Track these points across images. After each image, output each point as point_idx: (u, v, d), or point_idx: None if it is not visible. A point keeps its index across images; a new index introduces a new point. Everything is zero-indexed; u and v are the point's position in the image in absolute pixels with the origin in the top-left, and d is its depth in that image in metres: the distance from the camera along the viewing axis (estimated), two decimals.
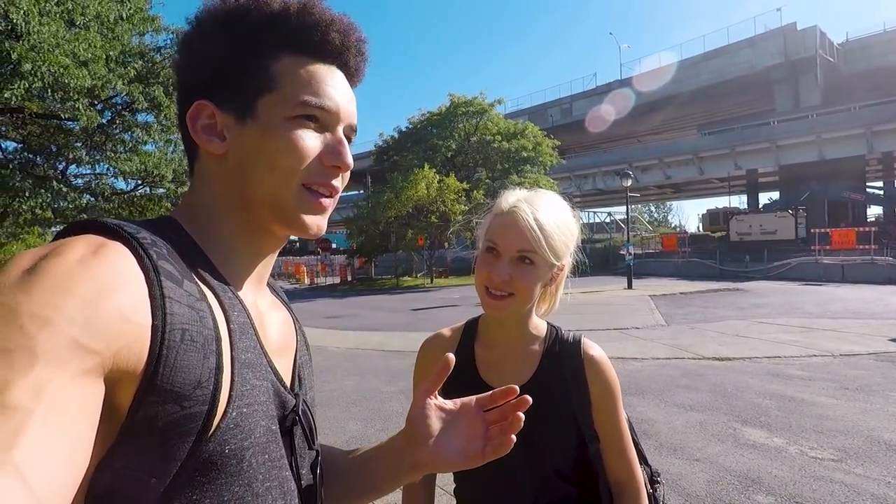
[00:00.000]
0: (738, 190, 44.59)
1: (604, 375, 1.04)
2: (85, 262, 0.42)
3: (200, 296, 0.50)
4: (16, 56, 9.27)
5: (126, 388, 0.43)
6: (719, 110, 40.51)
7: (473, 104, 30.42)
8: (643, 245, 36.87)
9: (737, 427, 4.45)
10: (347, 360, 7.85)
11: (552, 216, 1.00)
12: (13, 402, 0.34)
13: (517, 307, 1.00)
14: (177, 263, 0.50)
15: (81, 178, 14.59)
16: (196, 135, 0.58)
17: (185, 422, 0.45)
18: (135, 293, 0.44)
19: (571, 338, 1.08)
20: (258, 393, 0.53)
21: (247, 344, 0.53)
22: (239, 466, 0.49)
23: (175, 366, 0.44)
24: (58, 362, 0.37)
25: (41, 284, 0.39)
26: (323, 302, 18.81)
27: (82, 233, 0.48)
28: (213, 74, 0.59)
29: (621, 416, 1.05)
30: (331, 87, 0.60)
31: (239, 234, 0.60)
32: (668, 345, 8.13)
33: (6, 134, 13.68)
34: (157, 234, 0.52)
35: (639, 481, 1.05)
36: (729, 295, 15.70)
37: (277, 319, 0.67)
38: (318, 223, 0.61)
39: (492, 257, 0.99)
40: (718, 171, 36.68)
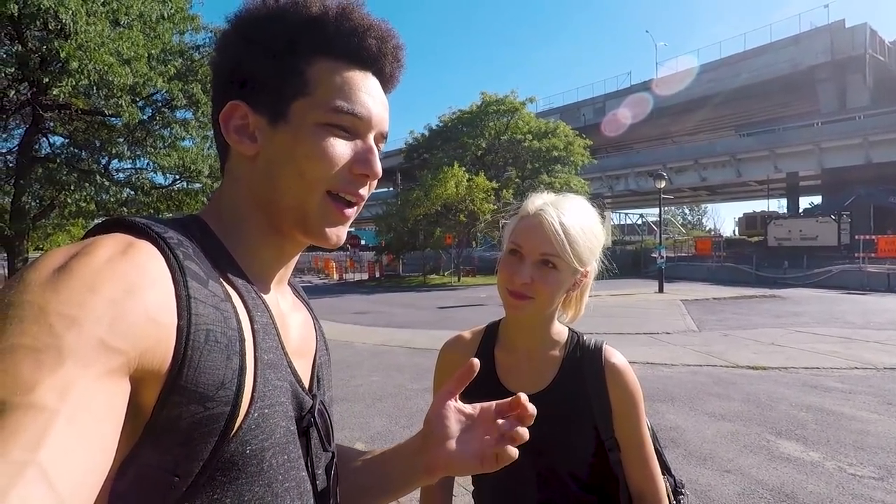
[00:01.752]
0: (778, 193, 43.04)
1: (625, 383, 1.02)
2: (113, 261, 0.43)
3: (225, 296, 0.50)
4: (64, 55, 9.67)
5: (151, 388, 0.43)
6: (759, 110, 39.18)
7: (505, 102, 30.24)
8: (675, 248, 36.07)
9: (770, 439, 4.30)
10: (374, 356, 7.91)
11: (578, 221, 0.98)
12: (40, 401, 0.34)
13: (537, 310, 0.99)
14: (202, 264, 0.50)
15: (123, 172, 15.14)
16: (228, 135, 0.59)
17: (209, 422, 0.45)
18: (161, 293, 0.44)
19: (593, 344, 1.06)
20: (279, 394, 0.53)
21: (269, 344, 0.54)
22: (259, 467, 0.50)
23: (199, 367, 0.45)
24: (84, 362, 0.37)
25: (70, 283, 0.40)
26: (351, 297, 19.03)
27: (112, 231, 0.49)
28: (248, 75, 0.58)
29: (643, 425, 1.03)
30: (364, 94, 0.59)
31: (263, 236, 0.60)
32: (700, 351, 7.92)
33: (54, 129, 14.30)
34: (184, 233, 0.52)
35: (661, 492, 1.03)
36: (765, 302, 15.20)
37: (298, 320, 0.67)
38: (337, 234, 0.61)
39: (515, 259, 0.99)
40: (757, 173, 35.51)
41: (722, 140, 39.27)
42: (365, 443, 4.23)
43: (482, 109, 30.46)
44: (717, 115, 40.80)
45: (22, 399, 0.34)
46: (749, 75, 35.50)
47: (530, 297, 0.97)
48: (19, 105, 12.91)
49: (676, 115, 40.23)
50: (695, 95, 38.00)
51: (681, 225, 64.51)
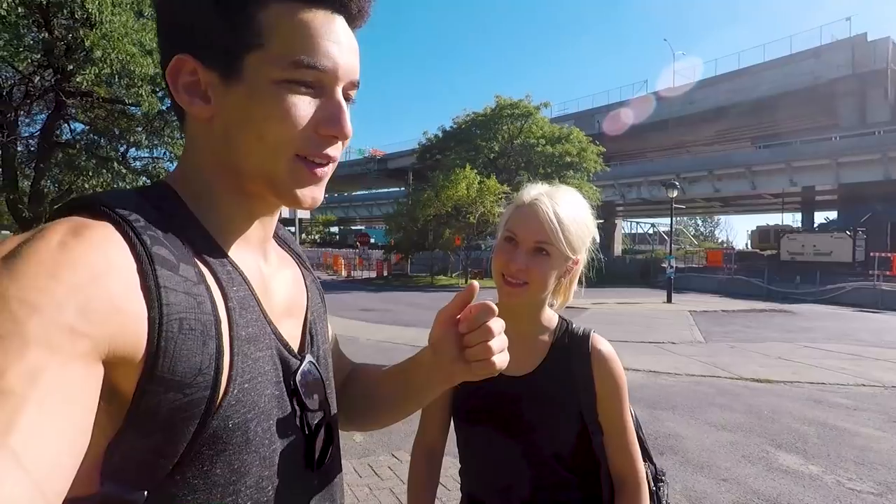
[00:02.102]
0: (792, 207, 42.56)
1: (610, 370, 1.06)
2: (66, 245, 0.41)
3: (198, 279, 0.49)
4: (89, 43, 9.87)
5: (127, 375, 0.43)
6: (776, 123, 38.78)
7: (519, 106, 30.24)
8: (686, 259, 35.83)
9: (770, 451, 4.29)
10: (378, 352, 7.98)
11: (571, 211, 1.03)
12: (8, 387, 0.34)
13: (531, 296, 1.04)
14: (173, 245, 0.49)
15: (140, 160, 15.35)
16: (177, 94, 0.53)
17: (189, 407, 0.46)
18: (124, 279, 0.43)
19: (581, 332, 1.11)
20: (261, 364, 0.53)
21: (248, 318, 0.53)
22: (245, 437, 0.50)
23: (175, 356, 0.44)
24: (51, 347, 0.37)
25: (26, 270, 0.39)
26: (358, 294, 19.14)
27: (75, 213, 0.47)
28: (193, 24, 0.52)
29: (626, 412, 1.08)
30: (328, 42, 0.52)
31: (233, 200, 0.57)
32: (705, 362, 7.88)
33: (76, 116, 14.56)
34: (153, 209, 0.50)
35: (640, 475, 1.07)
36: (775, 316, 15.05)
37: (285, 279, 0.65)
38: (312, 195, 0.57)
39: (510, 246, 1.03)
40: (772, 186, 35.13)
41: (738, 151, 38.90)
42: (363, 435, 4.29)
43: (496, 112, 30.48)
44: (734, 126, 40.44)
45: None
46: (768, 87, 35.17)
47: (525, 283, 1.01)
48: (43, 91, 13.18)
49: (692, 124, 39.93)
50: (712, 105, 37.71)
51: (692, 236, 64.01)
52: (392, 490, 3.35)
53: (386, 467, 3.69)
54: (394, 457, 3.89)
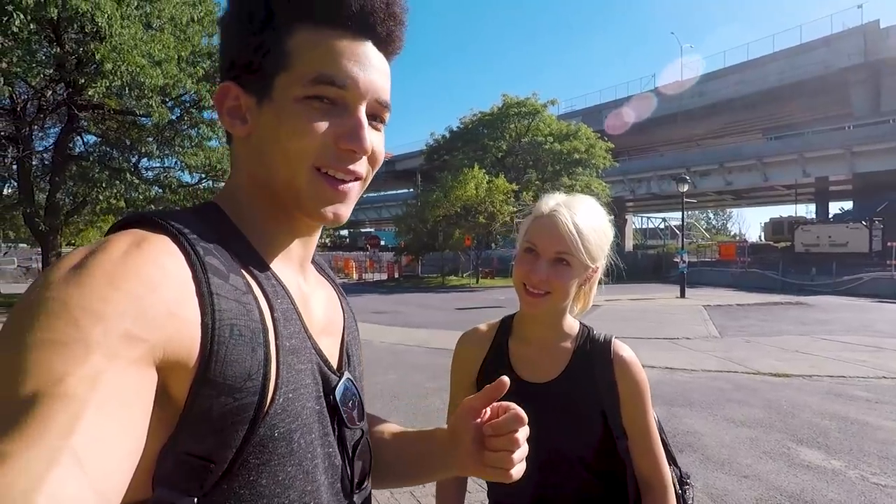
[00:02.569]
0: (806, 198, 41.97)
1: (632, 375, 1.07)
2: (129, 255, 0.44)
3: (246, 288, 0.51)
4: (99, 56, 10.01)
5: (181, 380, 0.45)
6: (787, 114, 38.29)
7: (526, 105, 30.19)
8: (699, 253, 35.53)
9: (791, 446, 4.24)
10: (391, 354, 8.00)
11: (589, 221, 1.04)
12: (70, 391, 0.36)
13: (553, 305, 1.05)
14: (222, 256, 0.51)
15: (151, 170, 15.56)
16: (222, 117, 0.58)
17: (239, 411, 0.47)
18: (181, 288, 0.46)
19: (602, 338, 1.12)
20: (303, 376, 0.54)
21: (291, 330, 0.54)
22: (289, 447, 0.51)
23: (226, 360, 0.46)
24: (110, 353, 0.38)
25: (90, 280, 0.41)
26: (370, 297, 19.21)
27: (130, 227, 0.50)
28: (235, 55, 0.57)
29: (649, 416, 1.08)
30: (349, 61, 0.55)
31: (272, 218, 0.59)
32: (721, 357, 7.81)
33: (88, 128, 14.77)
34: (203, 225, 0.53)
35: (666, 478, 1.07)
36: (791, 309, 14.88)
37: (322, 298, 0.67)
38: (335, 211, 0.58)
39: (531, 257, 1.05)
40: (784, 177, 34.72)
41: (749, 144, 38.47)
42: None
43: (503, 111, 30.46)
44: (744, 118, 40.00)
45: (53, 389, 0.35)
46: (778, 77, 34.76)
47: (547, 293, 1.03)
48: (56, 105, 13.39)
49: (702, 117, 39.58)
50: (721, 98, 37.35)
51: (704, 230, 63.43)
52: (412, 493, 3.35)
53: None
54: None
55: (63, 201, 14.80)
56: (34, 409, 0.34)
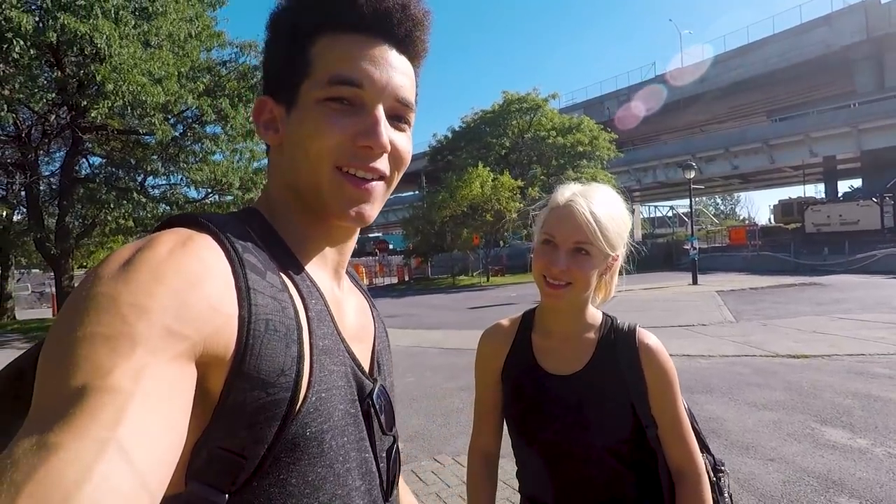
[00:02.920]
0: (814, 178, 41.54)
1: (659, 363, 1.05)
2: (175, 253, 0.45)
3: (282, 286, 0.52)
4: (100, 77, 10.11)
5: (217, 374, 0.46)
6: (790, 95, 37.93)
7: (527, 100, 30.13)
8: (709, 239, 35.25)
9: (815, 427, 4.18)
10: (407, 357, 7.99)
11: (607, 208, 1.02)
12: (116, 384, 0.37)
13: (574, 296, 1.03)
14: (260, 255, 0.52)
15: (158, 188, 15.68)
16: (259, 129, 0.62)
17: (271, 407, 0.47)
18: (222, 284, 0.47)
19: (626, 327, 1.09)
20: (336, 378, 0.55)
21: (324, 331, 0.55)
22: (320, 448, 0.52)
23: (260, 354, 0.47)
24: (154, 348, 0.40)
25: (137, 276, 0.42)
26: (381, 301, 19.22)
27: (176, 226, 0.52)
28: (267, 70, 0.61)
29: (678, 403, 1.06)
30: (365, 61, 0.56)
31: (307, 223, 0.61)
32: (738, 342, 7.73)
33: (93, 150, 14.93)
34: (243, 226, 0.55)
35: (699, 466, 1.05)
36: (805, 290, 14.70)
37: (354, 306, 0.68)
38: (358, 210, 0.58)
39: (549, 249, 1.03)
40: (791, 159, 34.40)
41: (753, 126, 38.17)
42: (403, 441, 4.27)
43: (504, 108, 30.41)
44: (748, 102, 39.70)
45: (101, 382, 0.36)
46: (779, 59, 34.46)
47: (568, 284, 1.01)
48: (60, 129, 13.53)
49: (705, 103, 39.32)
50: (723, 83, 37.08)
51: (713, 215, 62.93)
52: (438, 494, 3.33)
53: (430, 472, 3.68)
54: (436, 461, 3.88)
55: (73, 224, 14.95)
56: (82, 401, 0.35)
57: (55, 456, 0.32)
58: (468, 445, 1.22)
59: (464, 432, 4.39)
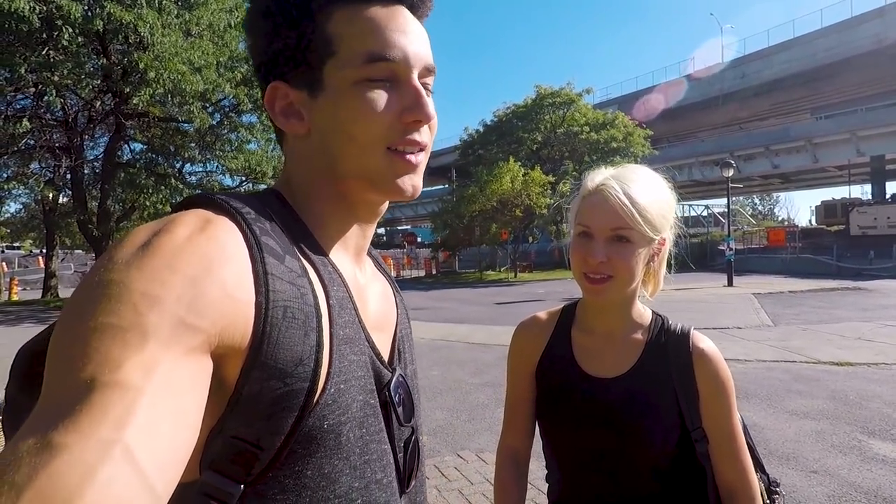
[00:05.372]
0: (860, 179, 39.71)
1: (715, 371, 0.96)
2: (193, 238, 0.43)
3: (302, 272, 0.50)
4: (143, 65, 10.37)
5: (233, 363, 0.44)
6: (837, 91, 36.29)
7: (560, 95, 29.67)
8: (745, 240, 34.15)
9: (862, 439, 3.99)
10: (433, 350, 7.99)
11: (644, 188, 0.93)
12: (125, 380, 0.35)
13: (618, 290, 0.94)
14: (279, 239, 0.50)
15: (195, 175, 16.09)
16: (276, 118, 0.57)
17: (288, 398, 0.46)
18: (239, 269, 0.45)
19: (679, 329, 1.00)
20: (355, 368, 0.53)
21: (346, 319, 0.53)
22: (337, 441, 0.50)
23: (278, 343, 0.45)
24: (167, 341, 0.38)
25: (152, 262, 0.40)
26: (409, 294, 19.29)
27: (194, 207, 0.50)
28: (276, 51, 0.56)
29: (734, 417, 0.97)
30: (393, 32, 0.54)
31: (335, 208, 0.59)
32: (776, 346, 7.45)
33: (134, 136, 15.37)
34: (263, 208, 0.52)
35: (753, 487, 0.95)
36: (848, 294, 14.10)
37: (377, 292, 0.66)
38: (412, 183, 0.58)
39: (586, 240, 0.94)
40: (836, 158, 33.03)
41: (796, 124, 36.80)
42: (427, 435, 4.27)
43: (537, 103, 30.03)
44: (791, 99, 38.16)
45: (110, 377, 0.35)
46: (826, 54, 32.97)
47: (610, 277, 0.92)
48: (104, 115, 13.98)
49: (745, 99, 37.99)
50: (765, 79, 35.75)
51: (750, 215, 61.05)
52: (461, 491, 3.30)
53: (452, 468, 3.65)
54: (459, 457, 3.84)
55: (113, 208, 15.46)
56: (90, 398, 0.34)
57: (58, 457, 0.31)
58: (492, 442, 1.16)
59: (488, 429, 4.35)
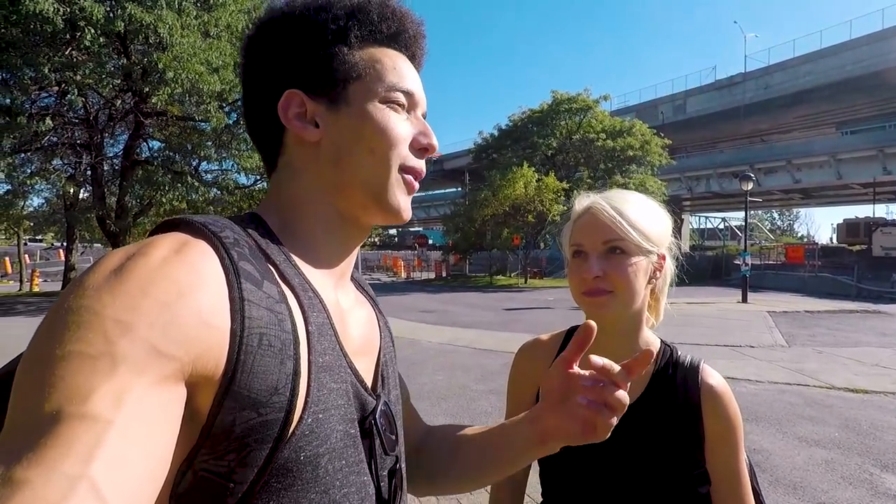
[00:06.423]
0: (886, 198, 38.80)
1: (723, 409, 0.91)
2: (168, 261, 0.43)
3: (280, 297, 0.49)
4: (162, 65, 10.53)
5: (206, 393, 0.43)
6: (864, 106, 35.50)
7: (577, 101, 29.52)
8: (762, 255, 33.60)
9: (874, 472, 3.84)
10: (439, 354, 7.94)
11: (633, 202, 0.93)
12: (93, 411, 0.34)
13: (619, 306, 0.89)
14: (258, 263, 0.50)
15: (210, 173, 16.30)
16: (289, 122, 0.59)
17: (262, 428, 0.44)
18: (214, 294, 0.44)
19: (689, 362, 0.95)
20: (335, 397, 0.51)
21: (325, 346, 0.52)
22: (315, 473, 0.48)
23: (252, 371, 0.44)
24: (138, 369, 0.37)
25: (124, 287, 0.40)
26: (417, 296, 19.30)
27: (172, 230, 0.49)
28: (301, 64, 0.59)
29: (740, 459, 0.91)
30: (408, 73, 0.63)
31: (324, 227, 0.60)
32: (790, 368, 7.27)
33: (152, 134, 15.61)
34: (243, 231, 0.52)
35: None
36: (868, 318, 13.74)
37: (360, 317, 0.65)
38: (408, 206, 0.63)
39: (580, 260, 0.92)
40: (861, 175, 32.27)
41: (820, 139, 36.11)
42: None
43: (553, 108, 29.91)
44: (816, 112, 37.43)
45: (77, 409, 0.34)
46: (855, 66, 32.28)
47: (609, 292, 0.88)
48: (124, 113, 14.23)
49: (768, 111, 37.36)
50: (789, 90, 35.12)
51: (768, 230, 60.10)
52: (459, 500, 3.25)
53: None
54: None
55: (131, 204, 15.74)
56: (56, 430, 0.33)
57: (20, 494, 0.31)
58: None
59: None
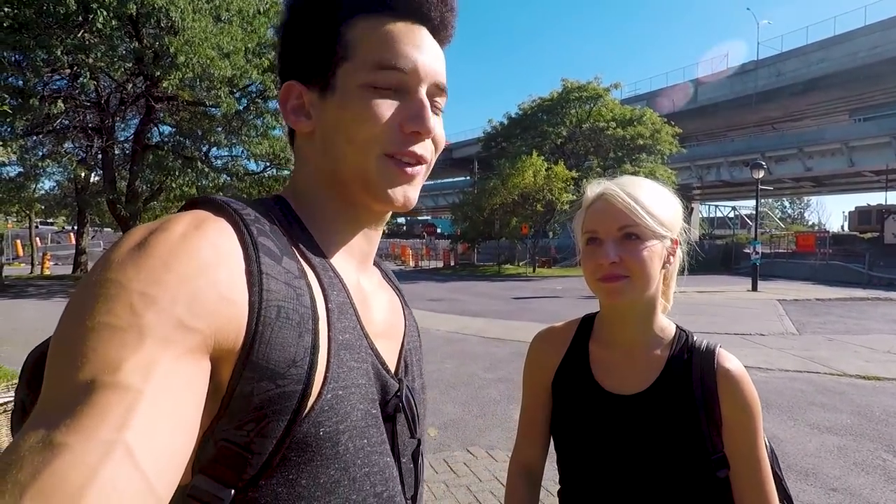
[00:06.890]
0: None
1: (741, 392, 0.90)
2: (188, 237, 0.43)
3: (299, 273, 0.49)
4: (173, 49, 10.52)
5: (227, 364, 0.44)
6: (879, 92, 34.84)
7: (587, 89, 29.24)
8: (773, 244, 33.31)
9: (887, 458, 3.85)
10: (448, 343, 7.99)
11: (645, 188, 0.92)
12: (125, 381, 0.35)
13: (636, 291, 0.89)
14: (278, 240, 0.50)
15: (220, 159, 16.33)
16: (286, 116, 0.59)
17: (280, 400, 0.45)
18: (232, 269, 0.44)
19: (705, 346, 0.94)
20: (356, 375, 0.51)
21: (345, 324, 0.52)
22: (334, 450, 0.48)
23: (270, 342, 0.44)
24: (164, 342, 0.38)
25: (148, 261, 0.41)
26: (426, 284, 19.35)
27: (195, 208, 0.50)
28: (296, 52, 0.58)
29: (760, 443, 0.91)
30: (408, 46, 0.56)
31: (338, 211, 0.59)
32: (800, 356, 7.26)
33: (163, 119, 15.64)
34: (264, 211, 0.52)
35: None
36: (880, 305, 13.65)
37: (383, 301, 0.65)
38: (405, 194, 0.58)
39: (595, 246, 0.91)
40: (874, 162, 31.82)
41: (832, 126, 35.58)
42: (438, 429, 4.27)
43: (563, 97, 29.66)
44: (828, 99, 36.85)
45: (110, 378, 0.35)
46: (869, 53, 31.66)
47: (625, 277, 0.88)
48: (135, 97, 14.24)
49: (780, 99, 36.80)
50: (802, 77, 34.55)
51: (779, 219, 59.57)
52: (469, 488, 3.29)
53: (462, 463, 3.64)
54: (469, 452, 3.83)
55: (141, 188, 15.81)
56: (90, 399, 0.34)
57: (60, 457, 0.32)
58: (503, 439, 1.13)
59: (499, 425, 4.34)
